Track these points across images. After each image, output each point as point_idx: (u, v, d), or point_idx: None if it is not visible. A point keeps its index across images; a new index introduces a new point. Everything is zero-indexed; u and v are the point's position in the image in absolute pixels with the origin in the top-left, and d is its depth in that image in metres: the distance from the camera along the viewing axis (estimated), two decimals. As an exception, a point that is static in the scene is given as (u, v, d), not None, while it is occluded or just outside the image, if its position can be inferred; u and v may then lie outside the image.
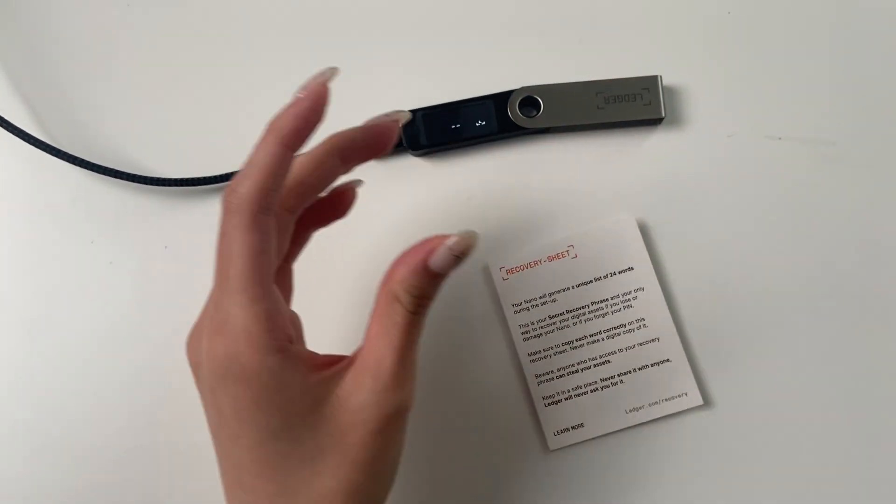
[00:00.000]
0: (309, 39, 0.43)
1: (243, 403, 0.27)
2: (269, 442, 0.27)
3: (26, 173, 0.42)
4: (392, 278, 0.29)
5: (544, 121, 0.41)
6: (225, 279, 0.27)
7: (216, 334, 0.27)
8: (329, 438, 0.28)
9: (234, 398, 0.27)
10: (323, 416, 0.28)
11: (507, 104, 0.41)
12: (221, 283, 0.28)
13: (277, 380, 0.27)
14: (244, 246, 0.27)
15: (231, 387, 0.27)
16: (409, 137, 0.41)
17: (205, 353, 0.27)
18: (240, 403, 0.27)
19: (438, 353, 0.41)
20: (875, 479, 0.39)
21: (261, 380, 0.27)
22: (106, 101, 0.43)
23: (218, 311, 0.27)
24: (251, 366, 0.27)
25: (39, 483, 0.40)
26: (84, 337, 0.41)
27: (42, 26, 0.44)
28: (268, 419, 0.27)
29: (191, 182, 0.40)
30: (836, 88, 0.42)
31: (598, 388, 0.40)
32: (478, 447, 0.40)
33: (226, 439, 0.28)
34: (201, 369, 0.28)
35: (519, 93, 0.41)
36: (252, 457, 0.27)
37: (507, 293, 0.41)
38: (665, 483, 0.39)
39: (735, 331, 0.40)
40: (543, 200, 0.42)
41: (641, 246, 0.40)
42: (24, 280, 0.42)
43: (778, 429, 0.40)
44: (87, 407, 0.41)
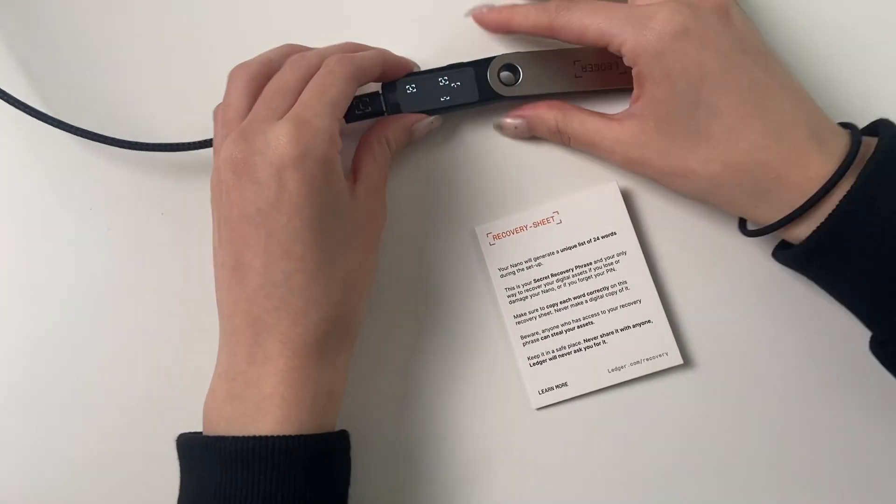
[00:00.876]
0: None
1: (315, 182, 0.34)
2: (324, 218, 0.35)
3: (24, 142, 0.43)
4: (385, 128, 0.41)
5: (524, 89, 0.41)
6: (321, 94, 0.36)
7: (300, 126, 0.34)
8: (356, 225, 0.37)
9: (308, 175, 0.34)
10: (352, 207, 0.37)
11: (486, 72, 0.41)
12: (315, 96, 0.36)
13: (337, 172, 0.36)
14: (345, 87, 0.37)
15: (308, 166, 0.34)
16: (389, 105, 0.41)
17: (279, 139, 0.34)
18: (311, 181, 0.34)
19: (427, 315, 0.42)
20: (852, 437, 0.41)
21: (329, 166, 0.35)
22: (103, 68, 0.44)
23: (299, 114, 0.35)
24: (328, 155, 0.35)
25: (41, 447, 0.42)
26: (82, 302, 0.42)
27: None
28: (327, 199, 0.35)
29: (185, 147, 0.41)
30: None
31: (581, 349, 0.41)
32: (464, 406, 0.41)
33: (281, 215, 0.34)
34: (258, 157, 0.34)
35: (499, 60, 0.41)
36: (309, 228, 0.34)
37: (494, 258, 0.42)
38: (646, 440, 0.41)
39: (714, 292, 0.41)
40: (529, 167, 0.43)
41: (624, 212, 0.42)
42: (23, 246, 0.43)
43: (757, 387, 0.41)
44: (86, 371, 0.42)
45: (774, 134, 0.36)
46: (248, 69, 0.38)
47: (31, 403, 0.42)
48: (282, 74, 0.38)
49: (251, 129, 0.35)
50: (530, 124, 0.42)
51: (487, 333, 0.42)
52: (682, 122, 0.37)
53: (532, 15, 0.40)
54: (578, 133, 0.41)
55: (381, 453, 0.41)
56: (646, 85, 0.37)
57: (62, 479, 0.41)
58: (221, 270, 0.36)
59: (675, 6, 0.37)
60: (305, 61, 0.38)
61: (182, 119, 0.43)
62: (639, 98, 0.38)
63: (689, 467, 0.41)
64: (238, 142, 0.35)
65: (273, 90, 0.37)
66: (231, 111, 0.37)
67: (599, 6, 0.38)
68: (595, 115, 0.41)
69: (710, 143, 0.37)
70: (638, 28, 0.37)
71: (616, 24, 0.37)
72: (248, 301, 0.35)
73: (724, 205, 0.39)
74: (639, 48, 0.37)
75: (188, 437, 0.36)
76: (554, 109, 0.41)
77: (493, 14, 0.42)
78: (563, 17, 0.39)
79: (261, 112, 0.36)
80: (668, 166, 0.38)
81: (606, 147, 0.40)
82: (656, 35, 0.36)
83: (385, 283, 0.42)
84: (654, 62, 0.37)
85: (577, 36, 0.39)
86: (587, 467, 0.41)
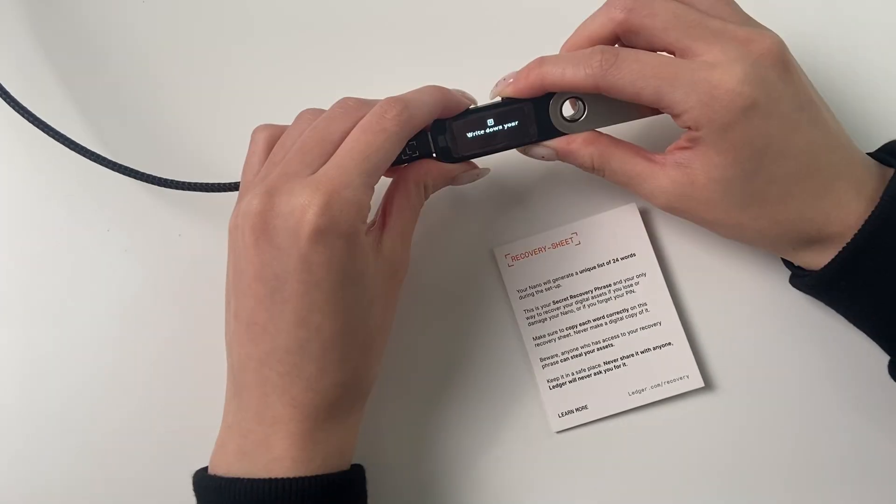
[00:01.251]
0: (312, 41, 0.44)
1: (338, 256, 0.33)
2: (345, 288, 0.33)
3: (43, 163, 0.44)
4: (427, 174, 0.38)
5: (588, 124, 0.38)
6: (362, 158, 0.33)
7: (330, 198, 0.32)
8: (377, 286, 0.35)
9: (331, 250, 0.32)
10: (375, 267, 0.35)
11: (548, 107, 0.37)
12: (355, 160, 0.33)
13: (362, 243, 0.34)
14: (392, 149, 0.34)
15: (331, 241, 0.32)
16: (438, 149, 0.38)
17: (305, 208, 0.32)
18: (333, 255, 0.32)
19: (446, 337, 0.42)
20: (872, 460, 0.40)
21: (355, 239, 0.33)
22: (131, 99, 0.44)
23: (332, 180, 0.33)
24: (353, 228, 0.33)
25: (57, 463, 0.41)
26: (99, 323, 0.42)
27: (63, 24, 0.45)
28: (350, 270, 0.33)
29: (203, 187, 0.41)
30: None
31: (601, 371, 0.41)
32: (483, 428, 0.41)
33: (299, 285, 0.32)
34: (280, 222, 0.32)
35: (561, 96, 0.37)
36: (328, 300, 0.33)
37: (513, 279, 0.42)
38: (668, 463, 0.40)
39: (735, 314, 0.41)
40: (547, 188, 0.43)
41: (643, 233, 0.41)
42: (41, 268, 0.43)
43: (777, 410, 0.40)
44: (103, 393, 0.42)
45: (823, 191, 0.35)
46: (313, 110, 0.36)
47: (49, 422, 0.42)
48: (329, 120, 0.35)
49: (279, 185, 0.33)
50: (561, 157, 0.38)
51: (507, 355, 0.41)
52: (737, 187, 0.35)
53: (569, 72, 0.35)
54: (617, 174, 0.37)
55: (399, 479, 0.41)
56: (703, 148, 0.35)
57: (78, 500, 0.41)
58: (234, 321, 0.35)
59: (741, 69, 0.33)
60: (361, 112, 0.35)
61: (202, 155, 0.43)
62: (689, 151, 0.35)
63: (711, 491, 0.40)
64: (263, 197, 0.33)
65: (313, 140, 0.34)
66: (279, 153, 0.36)
67: (651, 62, 0.34)
68: (636, 154, 0.37)
69: (761, 203, 0.35)
70: (704, 98, 0.33)
71: (678, 90, 0.34)
72: (259, 361, 0.34)
73: (762, 248, 0.39)
74: (704, 119, 0.34)
75: (204, 477, 0.35)
76: (591, 146, 0.37)
77: (521, 81, 0.37)
78: (612, 76, 0.34)
79: (294, 165, 0.34)
80: (714, 218, 0.36)
81: (646, 192, 0.37)
82: (724, 108, 0.33)
83: (402, 304, 0.41)
84: (719, 134, 0.34)
85: (629, 97, 0.35)
86: (608, 491, 0.40)
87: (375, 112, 0.34)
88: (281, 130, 0.37)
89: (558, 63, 0.35)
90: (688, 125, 0.35)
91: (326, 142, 0.34)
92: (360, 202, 0.33)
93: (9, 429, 0.42)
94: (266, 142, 0.37)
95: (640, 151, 0.37)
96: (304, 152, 0.34)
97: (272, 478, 0.33)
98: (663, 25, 0.34)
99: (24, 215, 0.43)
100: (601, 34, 0.36)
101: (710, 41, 0.34)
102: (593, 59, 0.35)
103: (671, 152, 0.36)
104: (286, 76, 0.44)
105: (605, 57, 0.34)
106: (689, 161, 0.35)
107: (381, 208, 0.38)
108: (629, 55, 0.34)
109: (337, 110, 0.35)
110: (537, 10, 0.44)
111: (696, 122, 0.34)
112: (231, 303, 0.35)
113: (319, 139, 0.34)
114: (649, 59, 0.34)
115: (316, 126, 0.35)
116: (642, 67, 0.34)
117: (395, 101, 0.35)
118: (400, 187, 0.37)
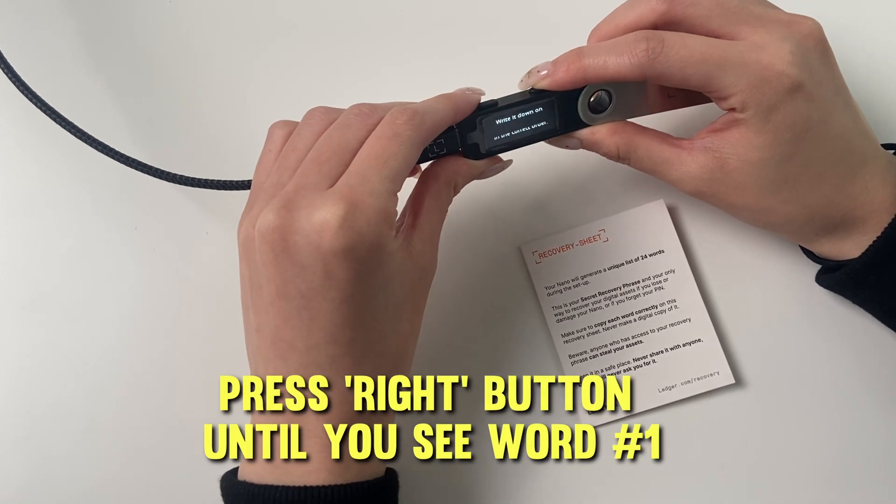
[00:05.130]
0: (341, 43, 0.45)
1: (366, 268, 0.31)
2: (376, 298, 0.32)
3: (71, 163, 0.44)
4: (456, 171, 0.36)
5: (614, 115, 0.37)
6: (382, 164, 0.32)
7: (352, 208, 0.31)
8: (406, 291, 0.34)
9: (359, 263, 0.31)
10: (405, 272, 0.34)
11: (577, 99, 0.37)
12: (375, 166, 0.32)
13: (391, 251, 0.32)
14: (410, 154, 0.33)
15: (359, 253, 0.31)
16: (466, 145, 0.37)
17: (327, 222, 0.30)
18: (361, 268, 0.31)
19: (474, 335, 0.42)
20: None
21: (383, 249, 0.32)
22: (156, 98, 0.44)
23: (354, 188, 0.31)
24: (381, 239, 0.32)
25: (86, 462, 0.41)
26: (127, 321, 0.42)
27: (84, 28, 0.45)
28: (379, 280, 0.32)
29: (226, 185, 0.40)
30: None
31: (630, 368, 0.40)
32: (512, 426, 0.41)
33: (326, 301, 0.31)
34: (300, 239, 0.31)
35: (591, 88, 0.36)
36: (358, 313, 0.32)
37: (540, 276, 0.41)
38: (697, 460, 0.40)
39: (765, 311, 0.41)
40: (574, 185, 0.42)
41: (671, 229, 0.41)
42: (69, 266, 0.43)
43: (809, 407, 0.40)
44: (130, 391, 0.42)
45: (852, 176, 0.35)
46: (328, 109, 0.35)
47: (78, 419, 0.42)
48: (344, 128, 0.34)
49: (296, 198, 0.31)
50: (587, 146, 0.38)
51: (535, 352, 0.41)
52: (772, 169, 0.35)
53: (612, 62, 0.34)
54: (643, 162, 0.37)
55: (428, 481, 0.40)
56: (742, 129, 0.34)
57: (103, 497, 0.41)
58: (257, 336, 0.34)
59: (789, 50, 0.33)
60: (375, 117, 0.34)
61: (228, 152, 0.44)
62: (722, 134, 0.35)
63: (741, 487, 0.40)
64: (279, 212, 0.31)
65: (329, 149, 0.33)
66: (291, 156, 0.34)
67: (699, 47, 0.33)
68: (663, 140, 0.37)
69: (794, 186, 0.35)
70: (753, 81, 0.33)
71: (728, 74, 0.33)
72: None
73: (786, 235, 0.39)
74: (751, 102, 0.33)
75: (233, 482, 0.35)
76: (616, 135, 0.37)
77: (559, 73, 0.35)
78: (660, 64, 0.33)
79: (311, 176, 0.32)
80: (744, 202, 0.36)
81: (674, 178, 0.37)
82: (772, 89, 0.33)
83: (429, 303, 0.41)
84: (763, 116, 0.34)
85: (676, 84, 0.34)
86: (637, 488, 0.40)
87: (386, 120, 0.33)
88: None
89: (599, 54, 0.35)
90: (733, 107, 0.34)
91: (343, 150, 0.33)
92: (386, 209, 0.32)
93: (38, 426, 0.42)
94: (284, 139, 0.36)
95: (667, 138, 0.37)
96: (321, 162, 0.33)
97: (307, 485, 0.33)
98: (707, 13, 0.34)
99: (53, 215, 0.43)
100: (640, 25, 0.35)
101: (755, 25, 0.34)
102: (638, 47, 0.34)
103: (700, 136, 0.36)
104: (310, 76, 0.44)
105: (652, 44, 0.33)
106: (719, 144, 0.35)
107: (409, 209, 0.36)
108: (676, 40, 0.34)
109: (350, 116, 0.34)
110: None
111: (744, 104, 0.34)
112: (251, 317, 0.34)
113: (335, 148, 0.33)
114: (696, 42, 0.34)
115: (331, 134, 0.34)
116: (691, 52, 0.33)
117: (404, 109, 0.34)
118: (429, 186, 0.36)
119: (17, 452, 0.41)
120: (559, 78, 0.35)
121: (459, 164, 0.37)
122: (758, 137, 0.34)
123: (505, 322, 0.42)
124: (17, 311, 0.43)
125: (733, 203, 0.36)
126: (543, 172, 0.43)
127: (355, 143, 0.33)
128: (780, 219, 0.36)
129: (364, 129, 0.33)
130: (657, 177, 0.37)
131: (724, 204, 0.37)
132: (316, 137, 0.34)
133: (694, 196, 0.37)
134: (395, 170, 0.32)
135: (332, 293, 0.31)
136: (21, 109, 0.41)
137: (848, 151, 0.35)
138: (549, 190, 0.43)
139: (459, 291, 0.42)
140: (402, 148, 0.33)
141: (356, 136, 0.33)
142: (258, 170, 0.36)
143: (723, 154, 0.35)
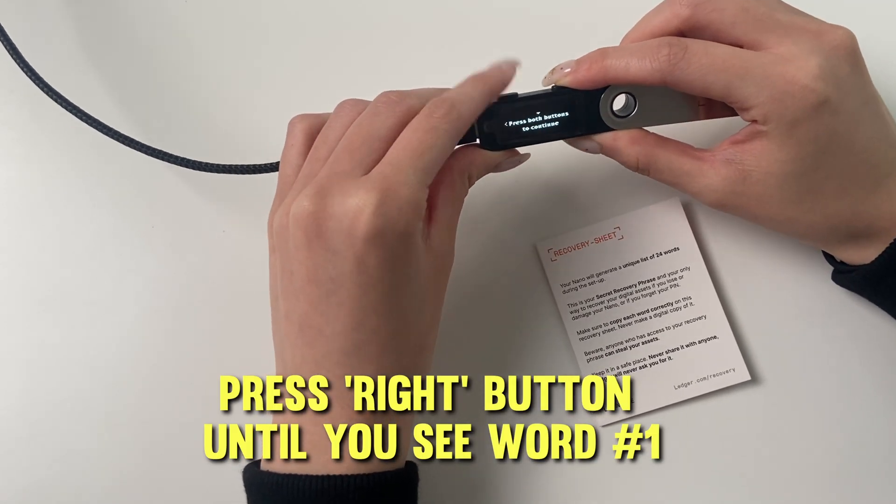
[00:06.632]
0: (346, 35, 0.45)
1: (395, 256, 0.32)
2: (402, 287, 0.33)
3: (89, 158, 0.44)
4: (471, 163, 0.36)
5: (637, 121, 0.37)
6: (417, 155, 0.33)
7: (386, 196, 0.31)
8: (428, 282, 0.34)
9: (389, 251, 0.32)
10: (427, 263, 0.34)
11: (599, 101, 0.36)
12: (410, 158, 0.33)
13: (418, 241, 0.33)
14: (445, 147, 0.34)
15: (389, 241, 0.32)
16: (484, 136, 0.37)
17: (361, 209, 0.31)
18: (391, 256, 0.32)
19: (489, 332, 0.42)
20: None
21: (412, 239, 0.33)
22: (173, 89, 0.45)
23: (387, 177, 0.32)
24: (411, 228, 0.32)
25: (108, 455, 0.42)
26: (145, 319, 0.43)
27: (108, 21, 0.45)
28: (406, 269, 0.33)
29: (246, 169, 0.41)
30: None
31: (646, 365, 0.41)
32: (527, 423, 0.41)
33: (355, 287, 0.32)
34: (333, 224, 0.32)
35: (613, 88, 0.36)
36: (385, 301, 0.32)
37: (556, 274, 0.42)
38: (712, 457, 0.40)
39: (780, 308, 0.41)
40: (589, 182, 0.43)
41: (687, 227, 0.41)
42: (86, 264, 0.43)
43: (825, 404, 0.40)
44: (148, 386, 0.42)
45: (876, 186, 0.35)
46: (357, 101, 0.35)
47: (97, 415, 0.42)
48: (373, 116, 0.34)
49: (330, 185, 0.32)
50: (606, 153, 0.38)
51: (551, 350, 0.41)
52: (794, 182, 0.34)
53: (634, 65, 0.34)
54: (664, 174, 0.37)
55: (443, 477, 0.40)
56: (765, 142, 0.34)
57: (124, 490, 0.41)
58: (286, 322, 0.34)
59: (816, 64, 0.33)
60: (404, 105, 0.34)
61: (240, 141, 0.44)
62: (744, 146, 0.35)
63: (756, 484, 0.40)
64: (314, 198, 0.32)
65: (360, 137, 0.33)
66: (322, 148, 0.35)
67: (721, 55, 0.33)
68: (683, 152, 0.36)
69: (817, 197, 0.35)
70: (776, 94, 0.33)
71: (750, 85, 0.33)
72: (315, 363, 0.34)
73: (809, 242, 0.39)
74: (774, 115, 0.33)
75: (257, 473, 0.35)
76: (636, 145, 0.36)
77: (581, 71, 0.35)
78: (680, 70, 0.33)
79: (343, 163, 0.33)
80: (767, 213, 0.36)
81: (695, 190, 0.36)
82: (797, 104, 0.33)
83: (445, 300, 0.41)
84: (786, 129, 0.33)
85: (698, 92, 0.34)
86: (653, 484, 0.40)
87: (423, 112, 0.34)
88: (319, 120, 0.36)
89: (622, 55, 0.35)
90: (755, 119, 0.34)
91: (374, 138, 0.33)
92: (418, 201, 0.32)
93: (57, 424, 0.42)
94: (305, 133, 0.36)
95: (688, 149, 0.37)
96: (353, 150, 0.33)
97: (331, 474, 0.33)
98: (731, 20, 0.34)
99: (71, 212, 0.43)
100: (665, 31, 0.35)
101: (781, 34, 0.34)
102: (660, 52, 0.34)
103: (721, 148, 0.36)
104: (325, 66, 0.44)
105: (674, 50, 0.33)
106: (742, 156, 0.35)
107: (428, 200, 0.35)
108: (698, 48, 0.34)
109: (380, 105, 0.34)
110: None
111: (765, 117, 0.33)
112: (280, 304, 0.35)
113: (366, 136, 0.33)
114: (719, 51, 0.34)
115: (360, 122, 0.34)
116: (713, 61, 0.33)
117: (442, 101, 0.34)
118: (444, 178, 0.36)
119: (23, 449, 0.42)
120: (581, 76, 0.36)
121: (475, 155, 0.37)
122: (780, 150, 0.34)
123: (520, 319, 0.42)
124: (32, 306, 0.43)
125: (756, 214, 0.36)
126: (559, 171, 0.43)
127: (384, 131, 0.33)
128: (802, 228, 0.36)
129: (393, 117, 0.34)
130: (678, 189, 0.37)
131: (746, 215, 0.37)
132: (346, 128, 0.34)
133: (715, 208, 0.37)
134: (429, 162, 0.33)
135: (361, 278, 0.32)
136: (40, 105, 0.41)
137: (873, 163, 0.35)
138: (564, 187, 0.43)
139: (475, 289, 0.42)
140: (439, 141, 0.33)
141: (385, 125, 0.34)
142: (283, 164, 0.37)
143: (745, 166, 0.35)
